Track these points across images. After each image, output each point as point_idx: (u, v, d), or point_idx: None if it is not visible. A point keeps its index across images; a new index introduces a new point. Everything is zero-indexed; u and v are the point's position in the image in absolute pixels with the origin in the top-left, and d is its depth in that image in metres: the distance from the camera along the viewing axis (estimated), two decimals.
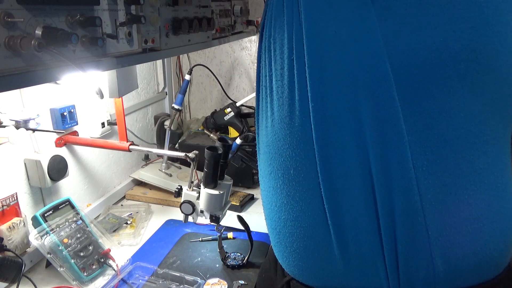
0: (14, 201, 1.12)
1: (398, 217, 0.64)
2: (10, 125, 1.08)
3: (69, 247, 1.12)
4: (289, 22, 0.67)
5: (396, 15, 0.62)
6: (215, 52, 2.00)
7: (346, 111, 0.64)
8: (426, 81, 0.62)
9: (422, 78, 0.62)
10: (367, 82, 0.62)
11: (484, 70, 0.62)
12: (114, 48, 0.77)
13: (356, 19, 0.63)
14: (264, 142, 0.76)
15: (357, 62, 0.62)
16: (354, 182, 0.65)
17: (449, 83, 0.61)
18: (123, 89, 1.21)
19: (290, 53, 0.66)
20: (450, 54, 0.61)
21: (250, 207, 1.56)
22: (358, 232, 0.66)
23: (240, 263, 1.17)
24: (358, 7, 0.63)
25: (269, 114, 0.72)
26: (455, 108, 0.62)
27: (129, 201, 1.62)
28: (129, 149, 1.25)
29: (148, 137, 1.83)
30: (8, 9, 0.54)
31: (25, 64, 0.58)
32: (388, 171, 0.63)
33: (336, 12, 0.64)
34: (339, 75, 0.63)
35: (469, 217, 0.65)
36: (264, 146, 0.76)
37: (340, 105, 0.64)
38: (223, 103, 2.03)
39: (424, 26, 0.61)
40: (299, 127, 0.66)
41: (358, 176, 0.65)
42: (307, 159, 0.67)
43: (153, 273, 1.13)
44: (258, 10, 1.82)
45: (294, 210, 0.71)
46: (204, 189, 1.11)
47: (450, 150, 0.63)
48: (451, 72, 0.61)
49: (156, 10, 0.90)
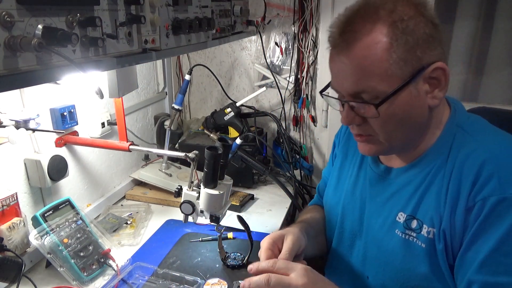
0: (14, 201, 1.12)
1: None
2: (10, 125, 1.08)
3: (69, 247, 1.12)
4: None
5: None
6: (215, 52, 2.00)
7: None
8: None
9: None
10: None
11: None
12: (114, 48, 0.77)
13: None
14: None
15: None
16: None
17: None
18: (123, 89, 1.21)
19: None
20: None
21: (250, 207, 1.56)
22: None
23: (240, 263, 1.17)
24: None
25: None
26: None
27: (129, 201, 1.62)
28: (129, 149, 1.25)
29: (148, 137, 1.83)
30: (8, 9, 0.54)
31: (25, 64, 0.58)
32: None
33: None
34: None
35: None
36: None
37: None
38: (223, 103, 2.03)
39: None
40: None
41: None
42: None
43: (153, 273, 1.13)
44: (258, 10, 1.82)
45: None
46: (204, 189, 1.11)
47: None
48: None
49: (156, 10, 0.90)
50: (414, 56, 0.74)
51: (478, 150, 0.76)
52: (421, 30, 0.74)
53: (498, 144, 0.78)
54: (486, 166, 0.74)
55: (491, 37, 1.70)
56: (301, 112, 1.92)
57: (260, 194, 1.65)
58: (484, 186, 0.72)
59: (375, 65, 0.75)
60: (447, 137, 0.82)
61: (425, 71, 0.75)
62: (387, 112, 0.77)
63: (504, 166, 0.73)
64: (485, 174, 0.73)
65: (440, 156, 0.82)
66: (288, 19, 1.83)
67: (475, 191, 0.73)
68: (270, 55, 1.90)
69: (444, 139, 0.82)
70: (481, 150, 0.76)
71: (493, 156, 0.74)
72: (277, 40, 1.87)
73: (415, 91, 0.76)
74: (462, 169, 0.77)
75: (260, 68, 1.93)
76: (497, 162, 0.74)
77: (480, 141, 0.78)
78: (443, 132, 0.83)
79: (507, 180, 0.71)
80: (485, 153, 0.75)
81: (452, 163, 0.79)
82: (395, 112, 0.77)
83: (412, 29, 0.73)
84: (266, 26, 1.83)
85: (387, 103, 0.76)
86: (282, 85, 1.88)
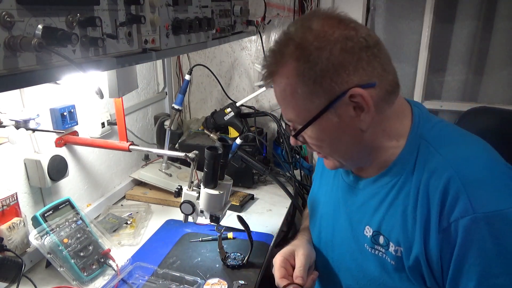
0: (14, 201, 1.12)
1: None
2: (10, 125, 1.08)
3: (69, 247, 1.12)
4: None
5: None
6: (215, 52, 2.00)
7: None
8: None
9: None
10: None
11: None
12: (114, 48, 0.77)
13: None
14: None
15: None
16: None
17: None
18: (123, 89, 1.21)
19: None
20: None
21: (250, 207, 1.56)
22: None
23: (240, 263, 1.17)
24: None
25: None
26: None
27: (129, 201, 1.62)
28: (129, 149, 1.25)
29: (148, 137, 1.83)
30: (8, 9, 0.54)
31: (25, 64, 0.58)
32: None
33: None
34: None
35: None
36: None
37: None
38: (223, 103, 2.03)
39: None
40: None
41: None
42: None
43: (153, 273, 1.13)
44: (258, 10, 1.82)
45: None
46: (204, 189, 1.11)
47: None
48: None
49: (156, 10, 0.90)
50: (321, 87, 0.73)
51: (442, 166, 0.73)
52: (326, 61, 0.71)
53: (462, 159, 0.74)
54: (451, 185, 0.70)
55: (491, 37, 1.70)
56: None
57: (260, 194, 1.65)
58: (454, 207, 0.69)
59: (288, 99, 0.77)
60: (411, 149, 0.79)
61: (341, 99, 0.73)
62: (314, 138, 0.79)
63: (470, 183, 0.70)
64: (452, 193, 0.70)
65: (405, 169, 0.79)
66: (288, 19, 1.82)
67: (447, 212, 0.70)
68: None
69: (408, 151, 0.79)
70: (445, 166, 0.73)
71: (458, 173, 0.71)
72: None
73: (335, 118, 0.75)
74: (428, 187, 0.74)
75: (260, 68, 1.93)
76: (462, 179, 0.70)
77: (444, 155, 0.75)
78: (407, 144, 0.79)
79: (475, 197, 0.68)
80: (449, 170, 0.72)
81: (418, 179, 0.76)
82: (322, 138, 0.79)
83: (315, 63, 0.71)
84: (266, 26, 1.83)
85: (308, 130, 0.78)
86: None
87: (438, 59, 1.78)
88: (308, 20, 0.76)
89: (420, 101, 1.81)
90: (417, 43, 1.77)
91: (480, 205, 0.68)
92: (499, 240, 0.67)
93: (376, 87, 0.74)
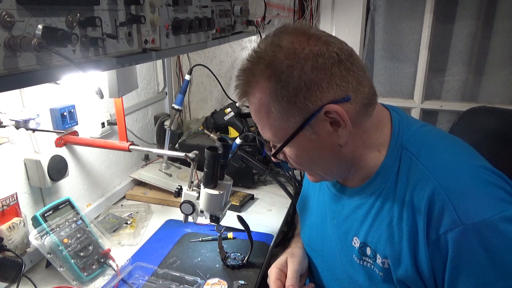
0: (14, 201, 1.12)
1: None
2: (10, 125, 1.08)
3: (69, 247, 1.12)
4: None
5: None
6: (215, 52, 2.00)
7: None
8: None
9: None
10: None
11: None
12: (114, 48, 0.77)
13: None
14: None
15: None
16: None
17: None
18: (123, 89, 1.21)
19: None
20: None
21: (250, 207, 1.56)
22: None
23: (240, 263, 1.17)
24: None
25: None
26: None
27: (129, 201, 1.62)
28: (129, 149, 1.25)
29: (148, 137, 1.83)
30: (8, 9, 0.54)
31: (25, 64, 0.58)
32: None
33: None
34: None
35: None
36: None
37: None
38: (223, 103, 2.03)
39: None
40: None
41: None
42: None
43: (153, 273, 1.13)
44: (258, 10, 1.82)
45: None
46: (204, 189, 1.11)
47: None
48: None
49: (156, 10, 0.90)
50: (295, 106, 0.72)
51: (425, 177, 0.73)
52: (298, 80, 0.70)
53: (443, 168, 0.73)
54: (436, 197, 0.70)
55: (491, 37, 1.70)
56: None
57: (260, 194, 1.65)
58: (441, 220, 0.69)
59: (263, 119, 0.76)
60: (392, 159, 0.78)
61: (316, 116, 0.72)
62: (293, 155, 0.79)
63: (454, 194, 0.69)
64: (438, 206, 0.69)
65: (387, 180, 0.78)
66: (288, 19, 1.82)
67: (434, 225, 0.70)
68: None
69: (389, 162, 0.78)
70: (427, 178, 0.72)
71: (441, 183, 0.71)
72: None
73: (313, 135, 0.75)
74: (413, 199, 0.73)
75: None
76: (446, 190, 0.70)
77: (425, 165, 0.74)
78: (388, 154, 0.78)
79: (461, 209, 0.68)
80: (432, 181, 0.71)
81: (401, 190, 0.75)
82: (301, 155, 0.78)
83: (287, 82, 0.71)
84: (266, 26, 1.83)
85: (287, 148, 0.77)
86: None
87: (438, 59, 1.78)
88: (277, 36, 0.74)
89: (420, 101, 1.81)
90: (417, 43, 1.77)
91: (467, 216, 0.67)
92: (489, 248, 0.67)
93: (352, 101, 0.73)
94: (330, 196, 0.93)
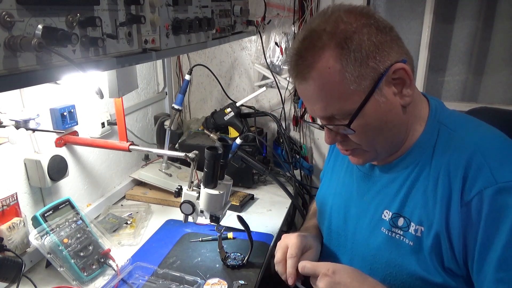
0: (14, 201, 1.12)
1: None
2: (10, 125, 1.08)
3: (69, 247, 1.12)
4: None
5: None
6: (215, 52, 2.00)
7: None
8: None
9: None
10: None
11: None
12: (114, 48, 0.77)
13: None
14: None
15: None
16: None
17: None
18: (123, 89, 1.21)
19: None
20: None
21: (250, 207, 1.56)
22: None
23: (240, 263, 1.17)
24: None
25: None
26: None
27: (129, 201, 1.62)
28: (129, 149, 1.25)
29: (148, 137, 1.83)
30: (8, 9, 0.54)
31: (25, 64, 0.58)
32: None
33: None
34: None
35: None
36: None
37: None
38: (223, 103, 2.03)
39: None
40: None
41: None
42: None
43: (153, 273, 1.13)
44: (258, 10, 1.82)
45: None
46: (204, 189, 1.11)
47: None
48: None
49: (156, 10, 0.90)
50: (368, 68, 0.74)
51: (463, 145, 0.77)
52: (368, 42, 0.74)
53: (481, 137, 0.79)
54: (474, 159, 0.74)
55: (491, 37, 1.70)
56: (301, 112, 1.92)
57: (260, 194, 1.65)
58: (476, 179, 0.72)
59: (334, 89, 0.76)
60: (430, 133, 0.82)
61: (384, 77, 0.76)
62: (362, 126, 0.79)
63: (491, 156, 0.74)
64: (474, 167, 0.73)
65: (424, 153, 0.82)
66: (288, 19, 1.83)
67: (469, 186, 0.73)
68: (270, 55, 1.90)
69: (427, 135, 0.83)
70: (466, 145, 0.77)
71: (478, 148, 0.75)
72: (277, 40, 1.87)
73: (382, 98, 0.77)
74: (449, 166, 0.77)
75: (260, 68, 1.93)
76: (483, 153, 0.74)
77: (464, 137, 0.79)
78: (426, 129, 0.83)
79: (497, 168, 0.72)
80: (470, 147, 0.76)
81: (438, 161, 0.79)
82: (370, 123, 0.79)
83: (359, 44, 0.73)
84: (266, 26, 1.83)
85: (358, 118, 0.77)
86: (282, 85, 1.88)
87: (438, 59, 1.78)
88: (330, 14, 0.77)
89: None
90: (417, 43, 1.77)
91: (503, 176, 0.71)
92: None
93: (407, 63, 0.78)
94: (359, 176, 0.95)
